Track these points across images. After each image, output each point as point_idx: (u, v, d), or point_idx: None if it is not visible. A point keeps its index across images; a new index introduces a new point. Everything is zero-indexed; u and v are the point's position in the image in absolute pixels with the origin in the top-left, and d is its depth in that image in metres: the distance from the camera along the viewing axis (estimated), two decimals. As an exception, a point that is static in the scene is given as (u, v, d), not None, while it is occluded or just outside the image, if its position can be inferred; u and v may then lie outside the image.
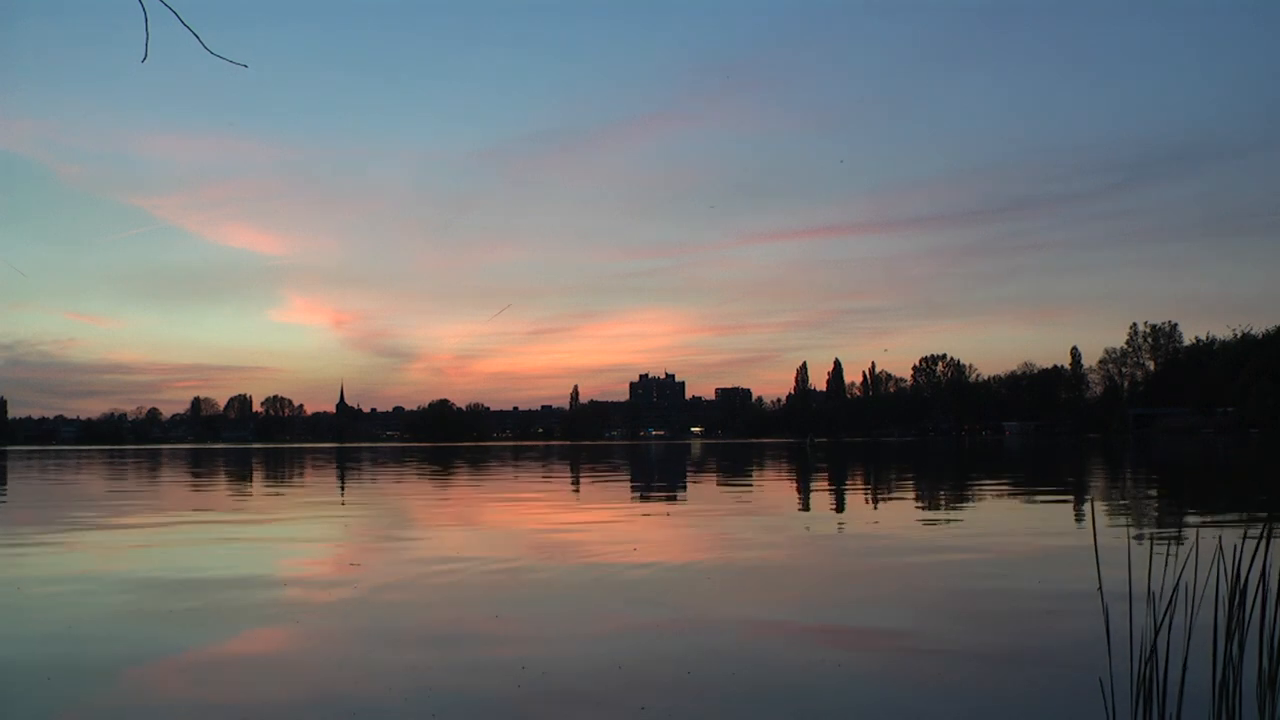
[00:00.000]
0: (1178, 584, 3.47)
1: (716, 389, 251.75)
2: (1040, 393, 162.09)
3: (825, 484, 22.81)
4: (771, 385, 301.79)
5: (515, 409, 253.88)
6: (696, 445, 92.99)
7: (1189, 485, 21.10)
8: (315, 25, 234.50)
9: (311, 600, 7.10)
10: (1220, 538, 3.96)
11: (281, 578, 8.18)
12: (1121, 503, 15.81)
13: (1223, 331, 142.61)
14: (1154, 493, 18.50)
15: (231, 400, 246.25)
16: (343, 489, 22.98)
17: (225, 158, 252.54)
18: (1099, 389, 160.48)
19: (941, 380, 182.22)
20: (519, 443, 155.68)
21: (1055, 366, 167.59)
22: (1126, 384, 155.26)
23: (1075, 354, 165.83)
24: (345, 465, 41.10)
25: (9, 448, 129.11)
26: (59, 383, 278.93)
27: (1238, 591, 3.38)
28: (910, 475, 26.59)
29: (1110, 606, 3.75)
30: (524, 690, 4.51)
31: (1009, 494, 18.04)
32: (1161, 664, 3.34)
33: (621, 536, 11.28)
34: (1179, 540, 9.99)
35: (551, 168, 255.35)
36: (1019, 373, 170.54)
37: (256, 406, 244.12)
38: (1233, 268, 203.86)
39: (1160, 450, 48.93)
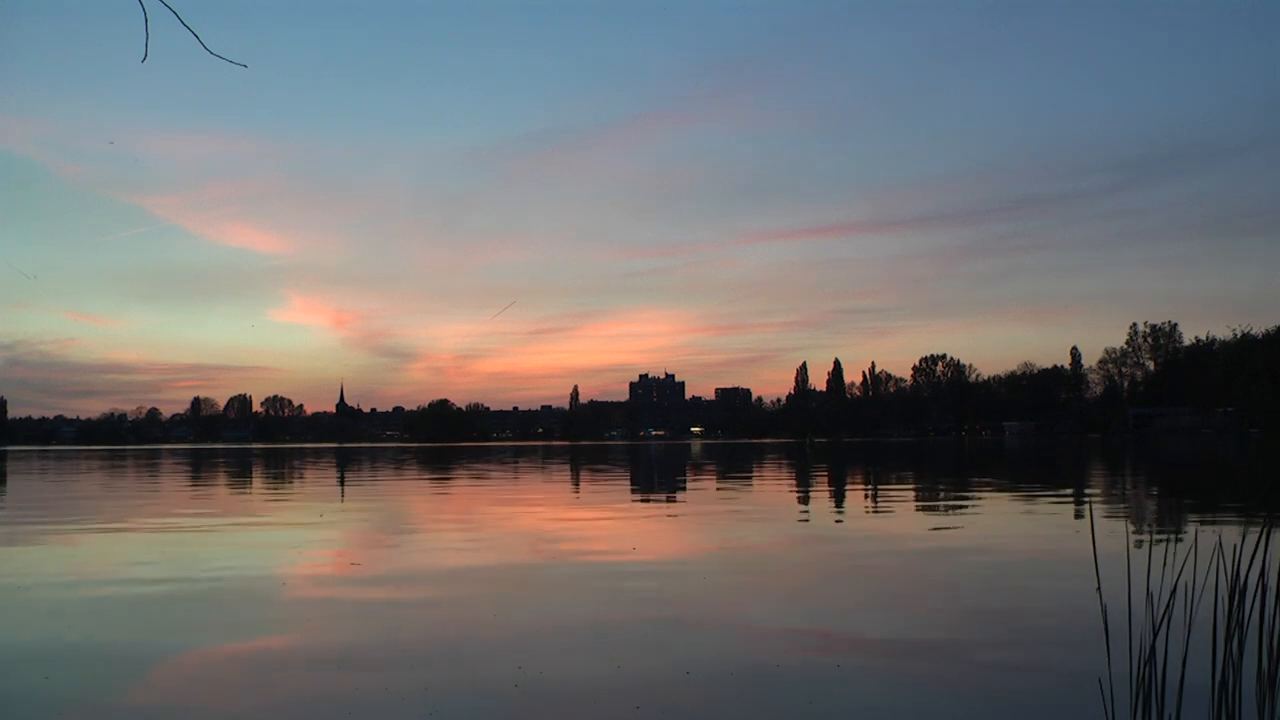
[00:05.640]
0: (1177, 584, 3.47)
1: (716, 389, 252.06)
2: (1040, 393, 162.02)
3: (824, 485, 22.81)
4: (771, 385, 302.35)
5: (515, 409, 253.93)
6: (696, 445, 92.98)
7: (1188, 485, 21.09)
8: (315, 25, 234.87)
9: (311, 599, 7.10)
10: (1219, 537, 3.96)
11: (281, 576, 8.18)
12: (1121, 503, 15.81)
13: (1223, 331, 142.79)
14: (1153, 493, 18.50)
15: (231, 400, 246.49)
16: (342, 489, 22.98)
17: (225, 158, 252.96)
18: (1099, 389, 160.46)
19: (941, 380, 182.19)
20: (519, 443, 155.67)
21: (1055, 366, 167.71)
22: (1126, 384, 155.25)
23: (1075, 354, 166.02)
24: (345, 465, 41.10)
25: (8, 448, 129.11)
26: (59, 383, 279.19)
27: (1237, 591, 3.38)
28: (910, 476, 26.59)
29: (1110, 606, 3.74)
30: (521, 689, 4.51)
31: (1008, 494, 18.04)
32: (1161, 664, 3.33)
33: (621, 537, 11.27)
34: (1178, 540, 9.98)
35: (551, 168, 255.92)
36: (1019, 373, 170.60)
37: (256, 406, 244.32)
38: (1233, 268, 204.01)
39: (1160, 450, 48.92)
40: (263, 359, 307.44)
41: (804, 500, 17.67)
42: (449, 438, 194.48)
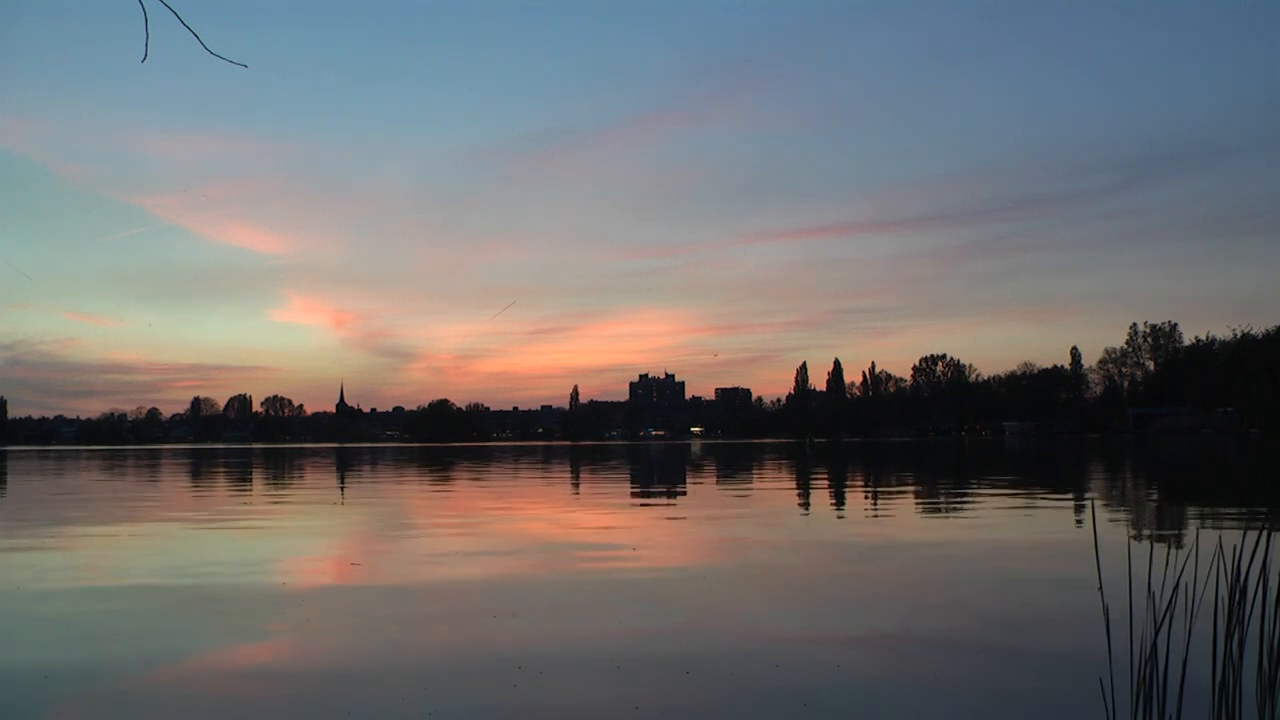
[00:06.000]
0: (1178, 584, 3.46)
1: (716, 389, 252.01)
2: (1040, 393, 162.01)
3: (825, 485, 22.81)
4: (771, 385, 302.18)
5: (515, 409, 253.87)
6: (696, 445, 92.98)
7: (1188, 485, 21.09)
8: (315, 25, 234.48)
9: (311, 600, 7.09)
10: (1220, 537, 3.95)
11: (281, 577, 8.17)
12: (1121, 502, 15.80)
13: (1223, 331, 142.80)
14: (1154, 493, 18.49)
15: (231, 400, 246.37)
16: (342, 489, 22.98)
17: (225, 157, 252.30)
18: (1099, 389, 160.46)
19: (941, 380, 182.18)
20: (519, 443, 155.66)
21: (1055, 366, 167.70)
22: (1126, 384, 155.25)
23: (1075, 354, 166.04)
24: (345, 466, 41.10)
25: (8, 448, 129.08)
26: (59, 383, 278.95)
27: (1238, 591, 3.37)
28: (910, 476, 26.59)
29: (1110, 606, 3.74)
30: (520, 690, 4.50)
31: (1009, 494, 18.03)
32: (1161, 664, 3.33)
33: (620, 537, 11.27)
34: (1179, 540, 9.98)
35: (551, 168, 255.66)
36: (1019, 373, 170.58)
37: (256, 406, 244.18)
38: (1233, 268, 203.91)
39: (1160, 450, 48.92)
40: (263, 359, 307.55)
41: (804, 501, 17.66)
42: (449, 438, 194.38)
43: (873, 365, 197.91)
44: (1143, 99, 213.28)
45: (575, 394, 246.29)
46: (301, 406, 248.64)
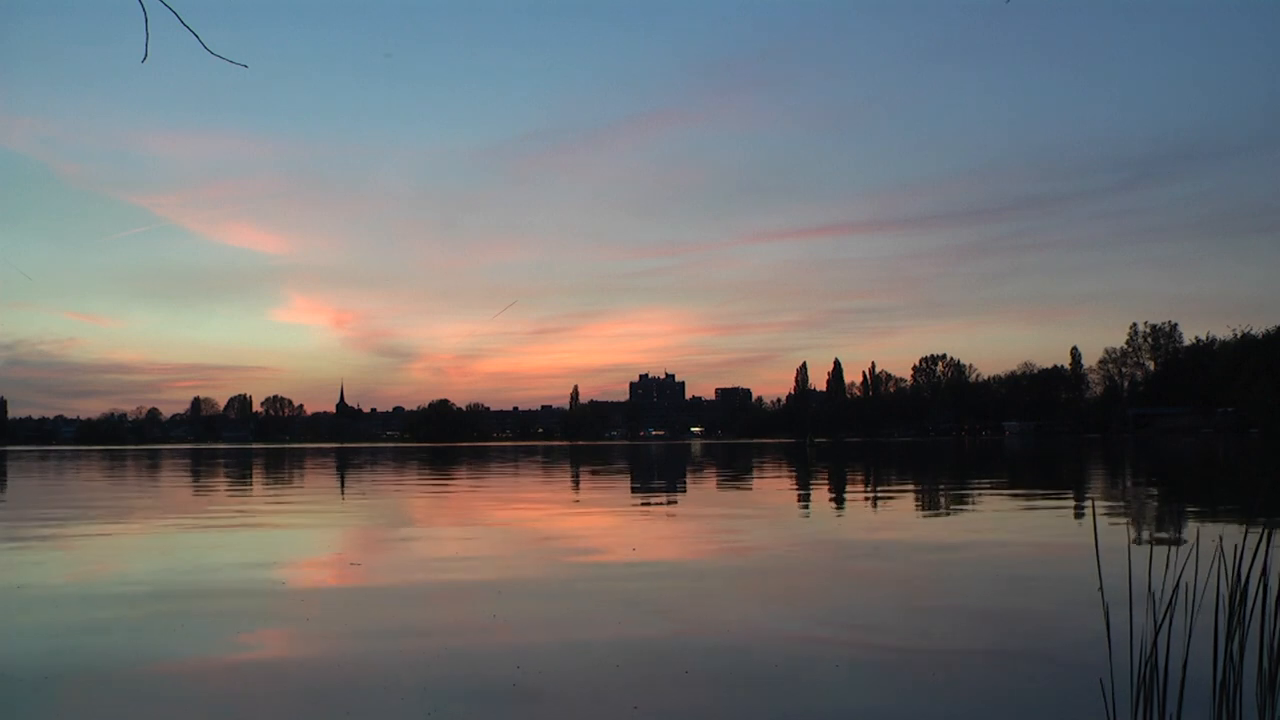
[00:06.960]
0: (1178, 584, 3.46)
1: (716, 389, 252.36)
2: (1040, 393, 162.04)
3: (825, 485, 22.81)
4: (771, 385, 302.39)
5: (515, 409, 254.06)
6: (696, 445, 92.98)
7: (1189, 486, 21.09)
8: (315, 25, 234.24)
9: (310, 599, 7.09)
10: (1220, 538, 3.95)
11: (281, 576, 8.17)
12: (1122, 503, 15.80)
13: (1223, 331, 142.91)
14: (1154, 493, 18.49)
15: (231, 400, 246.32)
16: (343, 489, 22.97)
17: (226, 157, 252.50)
18: (1099, 389, 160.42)
19: (941, 380, 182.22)
20: (519, 443, 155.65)
21: (1055, 366, 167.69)
22: (1126, 384, 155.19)
23: (1075, 354, 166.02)
24: (345, 466, 41.09)
25: (8, 448, 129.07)
26: (59, 383, 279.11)
27: (1238, 591, 3.37)
28: (910, 476, 26.59)
29: (1110, 606, 3.74)
30: (519, 690, 4.50)
31: (1009, 495, 18.03)
32: (1162, 664, 3.33)
33: (621, 537, 11.27)
34: (1179, 540, 9.98)
35: (552, 167, 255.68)
36: (1019, 373, 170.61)
37: (256, 406, 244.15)
38: (1233, 268, 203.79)
39: (1160, 450, 48.92)
40: (263, 359, 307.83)
41: (804, 501, 17.67)
42: (449, 438, 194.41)
43: (873, 365, 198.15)
44: (1143, 99, 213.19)
45: (575, 394, 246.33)
46: (302, 406, 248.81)
